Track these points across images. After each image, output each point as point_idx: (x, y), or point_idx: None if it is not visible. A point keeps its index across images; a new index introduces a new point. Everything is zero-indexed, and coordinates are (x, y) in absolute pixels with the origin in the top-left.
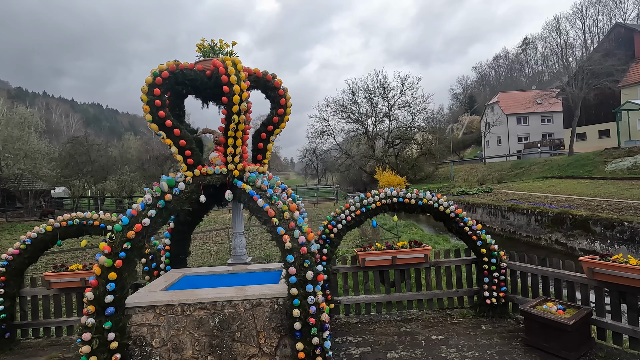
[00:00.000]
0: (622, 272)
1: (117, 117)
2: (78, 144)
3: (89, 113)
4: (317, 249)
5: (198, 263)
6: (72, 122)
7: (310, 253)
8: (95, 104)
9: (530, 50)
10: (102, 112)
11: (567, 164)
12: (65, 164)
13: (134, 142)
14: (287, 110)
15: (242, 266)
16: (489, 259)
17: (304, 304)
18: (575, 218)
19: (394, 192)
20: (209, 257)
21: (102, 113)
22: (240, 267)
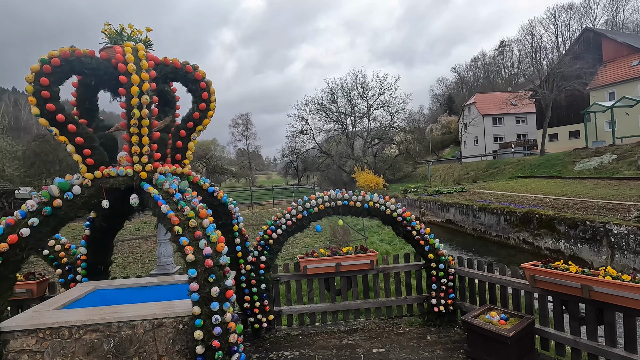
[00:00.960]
0: (562, 280)
1: None
2: (44, 142)
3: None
4: (225, 260)
5: (125, 273)
6: None
7: (217, 266)
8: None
9: (507, 53)
10: None
11: (539, 164)
12: (31, 163)
13: None
14: (211, 105)
15: (168, 277)
16: (437, 264)
17: (208, 324)
18: (541, 217)
19: (339, 194)
20: (142, 267)
21: None
22: (165, 278)
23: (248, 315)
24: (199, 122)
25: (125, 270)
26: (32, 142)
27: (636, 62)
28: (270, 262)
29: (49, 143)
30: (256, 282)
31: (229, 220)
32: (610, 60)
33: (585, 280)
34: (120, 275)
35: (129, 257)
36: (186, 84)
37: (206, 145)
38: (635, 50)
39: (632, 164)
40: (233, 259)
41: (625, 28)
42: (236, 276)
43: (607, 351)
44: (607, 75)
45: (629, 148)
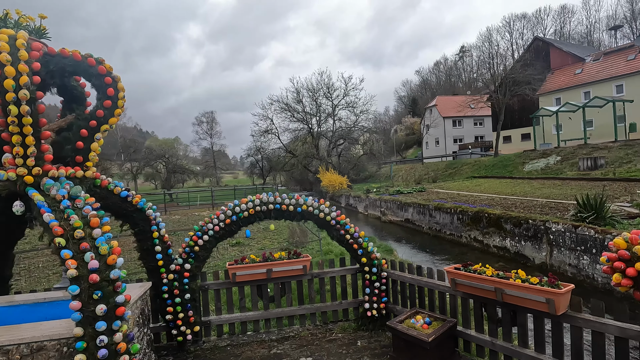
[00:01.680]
0: (479, 284)
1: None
2: None
3: None
4: (117, 275)
5: (32, 287)
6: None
7: (106, 281)
8: None
9: (467, 58)
10: None
11: (493, 165)
12: None
13: None
14: (119, 103)
15: None
16: (370, 268)
17: (92, 346)
18: (490, 216)
19: (272, 198)
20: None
21: None
22: None
23: (171, 328)
24: (104, 120)
25: (31, 284)
26: None
27: (579, 70)
28: (196, 270)
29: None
30: (180, 292)
31: (148, 226)
32: (557, 67)
33: (498, 284)
34: (27, 289)
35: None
36: (89, 78)
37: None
38: (578, 59)
39: (574, 165)
40: (154, 268)
41: (571, 39)
42: (158, 286)
43: (520, 352)
44: (554, 82)
45: (571, 150)
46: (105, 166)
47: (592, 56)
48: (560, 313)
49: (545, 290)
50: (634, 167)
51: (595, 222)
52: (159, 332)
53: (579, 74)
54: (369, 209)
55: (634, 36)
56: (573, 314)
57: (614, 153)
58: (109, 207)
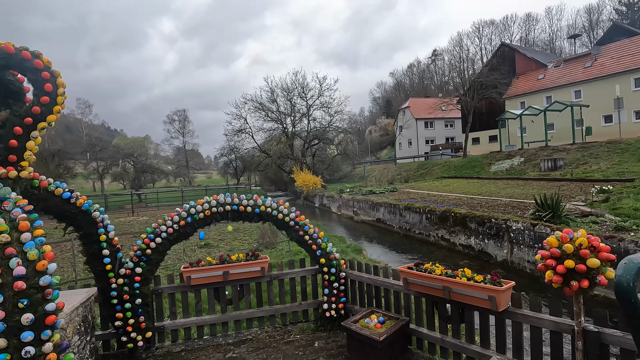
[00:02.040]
0: (428, 282)
1: None
2: None
3: None
4: (47, 281)
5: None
6: None
7: (35, 288)
8: None
9: (439, 61)
10: None
11: (462, 165)
12: None
13: None
14: (58, 99)
15: None
16: (329, 268)
17: (16, 358)
18: (456, 216)
19: (229, 198)
20: None
21: None
22: None
23: (121, 335)
24: (41, 118)
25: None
26: None
27: (542, 76)
28: (148, 274)
29: None
30: (130, 297)
31: (94, 229)
32: (522, 73)
33: (446, 282)
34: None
35: None
36: (24, 73)
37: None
38: (541, 65)
39: (536, 166)
40: (101, 273)
41: (536, 45)
42: (107, 291)
43: (467, 348)
44: (518, 86)
45: (534, 152)
46: (69, 165)
47: (553, 62)
48: (502, 309)
49: (487, 288)
50: (589, 169)
51: (551, 220)
52: (109, 339)
53: (542, 79)
54: (342, 209)
55: (591, 45)
56: (513, 310)
57: (572, 155)
58: (50, 209)
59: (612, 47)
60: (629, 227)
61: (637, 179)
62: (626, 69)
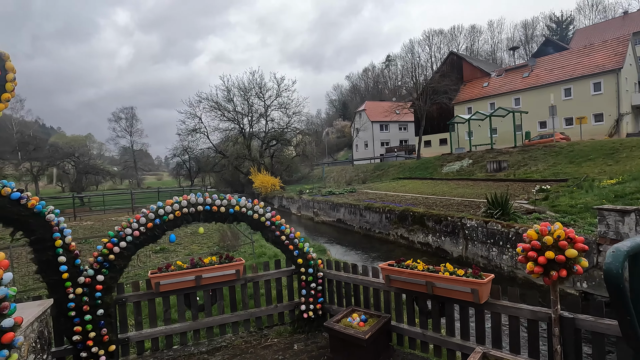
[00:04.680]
0: (411, 279)
1: None
2: None
3: None
4: (4, 294)
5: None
6: None
7: None
8: None
9: (392, 67)
10: None
11: (416, 167)
12: None
13: None
14: (7, 86)
15: None
16: (306, 269)
17: None
18: (414, 215)
19: (200, 199)
20: None
21: None
22: None
23: (80, 350)
24: None
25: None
26: None
27: (486, 84)
28: (111, 281)
29: None
30: (90, 308)
31: (48, 234)
32: (469, 80)
33: (429, 278)
34: None
35: None
36: None
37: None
38: (485, 74)
39: (483, 168)
40: (56, 282)
41: (480, 55)
42: (62, 303)
43: (447, 341)
44: (466, 92)
45: (480, 154)
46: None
47: (496, 72)
48: (483, 302)
49: (471, 281)
50: (529, 170)
51: (501, 217)
52: (64, 356)
53: (486, 87)
54: (302, 210)
55: (527, 57)
56: (493, 302)
57: (514, 157)
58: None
59: (546, 59)
60: (567, 222)
61: (569, 179)
62: (557, 79)
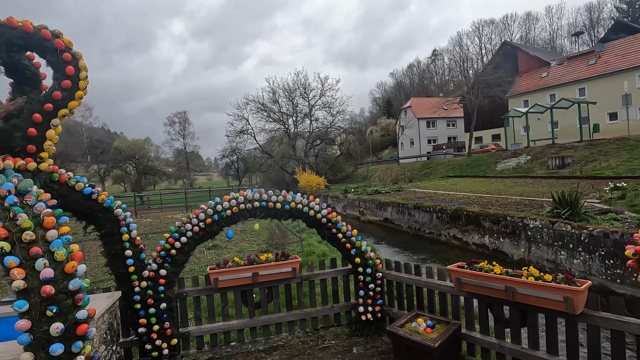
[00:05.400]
0: (487, 283)
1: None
2: None
3: None
4: (78, 285)
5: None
6: None
7: (64, 293)
8: None
9: (439, 61)
10: None
11: (467, 164)
12: None
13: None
14: (80, 84)
15: None
16: (364, 268)
17: None
18: (469, 214)
19: (257, 195)
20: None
21: None
22: None
23: (145, 342)
24: (62, 104)
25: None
26: None
27: (545, 74)
28: (173, 276)
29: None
30: (154, 301)
31: (116, 228)
32: (525, 71)
33: (509, 282)
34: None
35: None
36: (43, 54)
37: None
38: (544, 63)
39: (543, 164)
40: (124, 275)
41: (536, 44)
42: (129, 295)
43: (530, 355)
44: (522, 84)
45: (540, 150)
46: (71, 168)
47: (556, 60)
48: (579, 312)
49: (564, 289)
50: (599, 166)
51: (570, 217)
52: (130, 347)
53: (545, 77)
54: (348, 209)
55: (593, 43)
56: (591, 313)
57: (580, 152)
58: (70, 205)
59: (616, 44)
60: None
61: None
62: (631, 65)
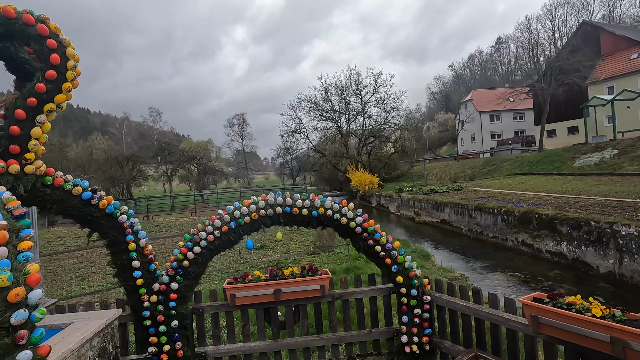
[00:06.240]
0: (581, 328)
1: (88, 116)
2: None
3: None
4: (22, 319)
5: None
6: None
7: (5, 328)
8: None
9: (504, 50)
10: (73, 111)
11: (537, 160)
12: None
13: (101, 142)
14: (68, 75)
15: None
16: (408, 289)
17: None
18: (541, 217)
19: (280, 198)
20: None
21: (73, 113)
22: None
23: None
24: (47, 98)
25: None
26: None
27: (635, 55)
28: (186, 290)
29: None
30: (164, 318)
31: (121, 236)
32: (609, 54)
33: (619, 333)
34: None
35: (62, 272)
36: (26, 42)
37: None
38: (634, 43)
39: (635, 159)
40: (132, 288)
41: (623, 22)
42: (140, 310)
43: None
44: (605, 69)
45: (630, 143)
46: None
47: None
48: None
49: None
50: None
51: None
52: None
53: (636, 59)
54: (402, 209)
55: None
56: None
57: None
58: (68, 211)
59: None
60: None
61: None
62: None
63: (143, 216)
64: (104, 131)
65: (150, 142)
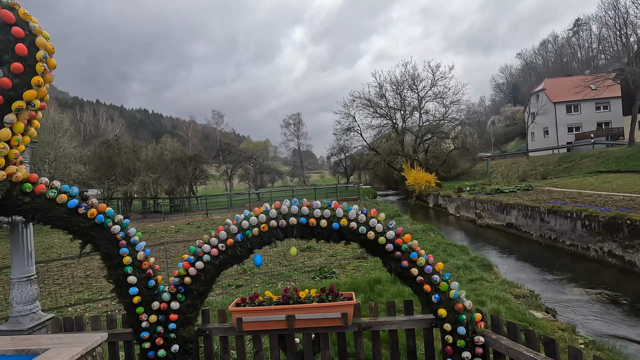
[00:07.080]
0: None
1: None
2: (109, 147)
3: (136, 118)
4: None
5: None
6: (117, 126)
7: None
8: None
9: (583, 33)
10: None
11: (627, 156)
12: (95, 167)
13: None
14: (37, 67)
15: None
16: (454, 326)
17: None
18: (635, 224)
19: (295, 207)
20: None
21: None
22: (16, 339)
23: None
24: (14, 94)
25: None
26: (99, 147)
27: None
28: (189, 310)
29: (113, 148)
30: (164, 342)
31: (114, 249)
32: None
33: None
34: (66, 300)
35: (80, 277)
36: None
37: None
38: None
39: None
40: (129, 306)
41: None
42: (139, 332)
43: None
44: None
45: None
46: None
47: None
48: None
49: None
50: None
51: None
52: None
53: None
54: (462, 210)
55: None
56: None
57: None
58: (53, 221)
59: None
60: None
61: None
62: None
63: (202, 213)
64: (173, 134)
65: (213, 143)
